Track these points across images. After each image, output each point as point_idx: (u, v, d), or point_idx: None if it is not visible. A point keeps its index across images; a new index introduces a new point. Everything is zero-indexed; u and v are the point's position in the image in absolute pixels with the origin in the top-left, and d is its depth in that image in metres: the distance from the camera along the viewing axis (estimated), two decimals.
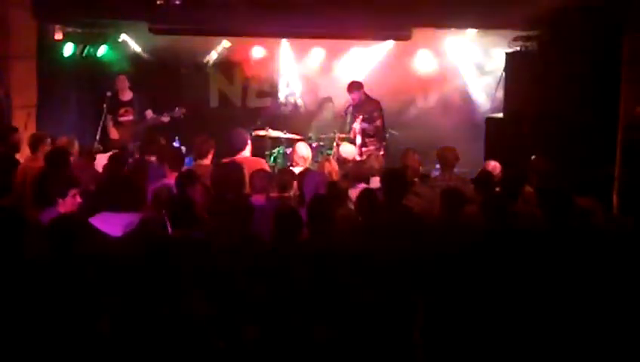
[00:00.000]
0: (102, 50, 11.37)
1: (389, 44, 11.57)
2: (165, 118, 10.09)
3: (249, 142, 7.95)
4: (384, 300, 4.68)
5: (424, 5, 9.12)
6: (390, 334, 4.60)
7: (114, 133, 10.00)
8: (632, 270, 4.80)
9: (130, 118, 10.14)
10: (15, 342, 4.10)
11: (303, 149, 7.98)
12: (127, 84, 10.23)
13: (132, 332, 4.36)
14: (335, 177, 7.34)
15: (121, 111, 10.12)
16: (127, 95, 10.22)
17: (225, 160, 7.54)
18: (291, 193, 6.63)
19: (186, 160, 8.14)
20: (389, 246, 5.11)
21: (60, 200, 5.64)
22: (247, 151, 7.88)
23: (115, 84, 10.21)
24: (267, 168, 7.61)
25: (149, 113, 10.20)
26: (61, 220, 4.78)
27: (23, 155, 7.94)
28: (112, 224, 5.16)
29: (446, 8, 9.15)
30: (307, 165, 7.77)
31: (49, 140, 7.78)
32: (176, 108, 10.12)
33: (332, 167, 7.58)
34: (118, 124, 10.06)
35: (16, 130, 8.13)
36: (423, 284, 4.87)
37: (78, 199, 5.68)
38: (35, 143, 7.69)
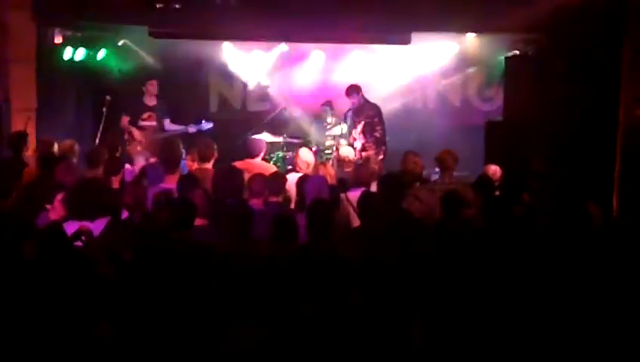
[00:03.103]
0: (101, 54, 11.36)
1: (389, 47, 11.57)
2: (191, 129, 10.05)
3: (263, 152, 8.00)
4: (383, 303, 4.67)
5: (423, 9, 9.13)
6: (388, 337, 4.60)
7: (137, 135, 9.96)
8: (629, 273, 4.80)
9: (154, 123, 10.07)
10: (15, 344, 4.09)
11: (307, 154, 7.98)
12: (156, 89, 10.18)
13: (131, 335, 4.36)
14: (330, 181, 7.34)
15: (145, 115, 10.07)
16: (152, 100, 10.18)
17: (237, 163, 7.54)
18: (281, 197, 6.65)
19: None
20: (388, 250, 5.11)
21: (49, 206, 5.65)
22: (258, 159, 7.92)
23: (145, 86, 10.15)
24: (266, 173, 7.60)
25: (167, 122, 10.15)
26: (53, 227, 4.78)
27: None
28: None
29: (445, 12, 9.16)
30: (310, 170, 7.76)
31: (56, 145, 7.79)
32: (203, 121, 10.08)
33: (327, 171, 7.58)
34: (139, 128, 10.01)
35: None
36: (421, 288, 4.87)
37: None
38: (41, 149, 7.70)
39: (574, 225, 5.25)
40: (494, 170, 7.67)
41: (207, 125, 10.08)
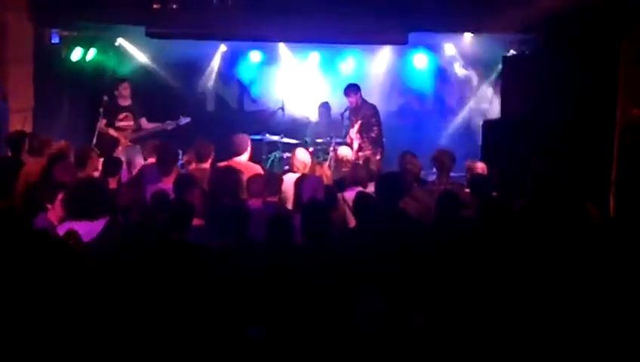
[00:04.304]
0: (98, 54, 11.36)
1: (386, 47, 11.57)
2: (169, 126, 10.08)
3: (249, 148, 7.96)
4: (380, 303, 4.68)
5: (420, 9, 9.13)
6: (386, 336, 4.60)
7: (116, 136, 9.96)
8: (626, 272, 4.81)
9: (131, 123, 10.10)
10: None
11: (303, 155, 7.98)
12: (128, 92, 10.18)
13: (129, 335, 4.36)
14: (326, 181, 7.34)
15: (121, 116, 10.07)
16: (126, 100, 10.20)
17: (221, 164, 7.55)
18: (277, 198, 6.67)
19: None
20: (385, 250, 5.11)
21: (50, 206, 5.65)
22: (244, 156, 7.89)
23: (118, 89, 10.16)
24: (261, 173, 7.61)
25: (144, 121, 10.19)
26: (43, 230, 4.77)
27: None
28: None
29: (442, 12, 9.16)
30: (307, 171, 7.76)
31: (53, 144, 7.80)
32: (181, 117, 10.11)
33: (323, 171, 7.57)
34: (117, 129, 10.02)
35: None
36: (418, 288, 4.88)
37: None
38: (39, 147, 7.70)
39: (571, 225, 5.26)
40: (482, 167, 7.68)
41: (184, 120, 10.10)
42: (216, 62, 12.17)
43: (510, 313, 4.62)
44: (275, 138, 10.70)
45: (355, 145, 9.88)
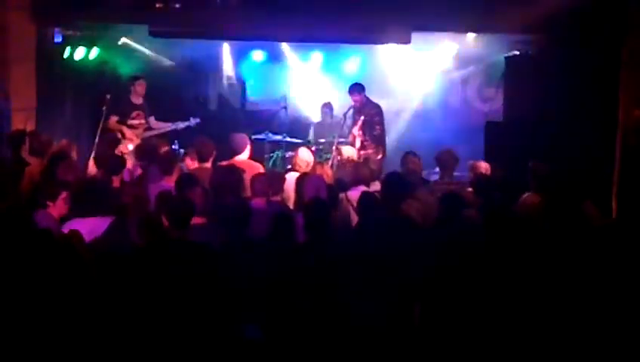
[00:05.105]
0: (101, 53, 11.35)
1: (389, 47, 11.57)
2: (181, 126, 10.16)
3: (248, 146, 7.97)
4: (381, 303, 4.68)
5: (423, 9, 9.13)
6: (387, 336, 4.60)
7: (129, 133, 10.00)
8: (627, 273, 4.81)
9: (143, 121, 10.16)
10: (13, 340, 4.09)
11: (306, 154, 7.98)
12: (144, 89, 10.25)
13: (131, 333, 4.37)
14: (327, 181, 7.34)
15: (134, 114, 10.13)
16: (139, 99, 10.25)
17: (222, 163, 7.56)
18: (280, 197, 6.67)
19: None
20: (386, 250, 5.11)
21: (51, 204, 5.68)
22: (244, 155, 7.89)
23: (133, 86, 10.21)
24: (263, 172, 7.62)
25: (152, 120, 10.23)
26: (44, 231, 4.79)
27: None
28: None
29: (445, 12, 9.15)
30: (309, 170, 7.76)
31: (54, 144, 7.82)
32: (191, 118, 10.25)
33: (324, 171, 7.58)
34: (129, 127, 10.06)
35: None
36: (420, 288, 4.88)
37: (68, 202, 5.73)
38: (40, 148, 7.71)
39: (572, 225, 5.25)
40: (486, 167, 7.68)
41: (194, 121, 10.18)
42: (218, 62, 12.16)
43: (512, 313, 4.62)
44: (278, 137, 10.70)
45: (358, 143, 9.87)
